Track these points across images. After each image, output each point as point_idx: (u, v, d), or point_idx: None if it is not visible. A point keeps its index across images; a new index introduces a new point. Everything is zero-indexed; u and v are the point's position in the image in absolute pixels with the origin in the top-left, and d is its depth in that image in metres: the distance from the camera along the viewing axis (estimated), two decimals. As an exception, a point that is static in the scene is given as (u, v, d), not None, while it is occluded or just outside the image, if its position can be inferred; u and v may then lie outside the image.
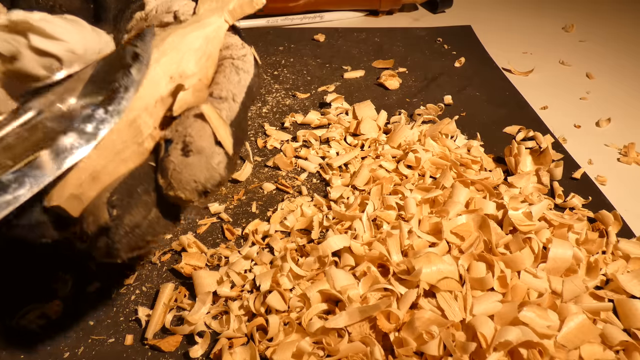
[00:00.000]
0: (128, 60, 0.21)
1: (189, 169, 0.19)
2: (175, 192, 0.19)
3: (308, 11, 0.65)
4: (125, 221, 0.19)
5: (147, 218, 0.19)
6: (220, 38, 0.24)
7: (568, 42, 0.61)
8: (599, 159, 0.40)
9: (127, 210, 0.19)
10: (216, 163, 0.19)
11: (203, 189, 0.19)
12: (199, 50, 0.22)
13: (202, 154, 0.19)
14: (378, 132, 0.41)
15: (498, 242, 0.29)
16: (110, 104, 0.20)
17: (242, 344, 0.26)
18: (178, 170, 0.19)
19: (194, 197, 0.19)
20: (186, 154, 0.19)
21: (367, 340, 0.25)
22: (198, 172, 0.19)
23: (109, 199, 0.19)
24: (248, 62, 0.24)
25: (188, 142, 0.19)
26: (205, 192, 0.19)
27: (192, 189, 0.19)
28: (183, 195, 0.19)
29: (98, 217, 0.18)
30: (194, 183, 0.19)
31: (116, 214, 0.19)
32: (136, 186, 0.19)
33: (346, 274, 0.28)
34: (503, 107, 0.46)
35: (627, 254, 0.30)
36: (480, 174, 0.35)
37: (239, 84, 0.22)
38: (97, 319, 0.28)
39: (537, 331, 0.24)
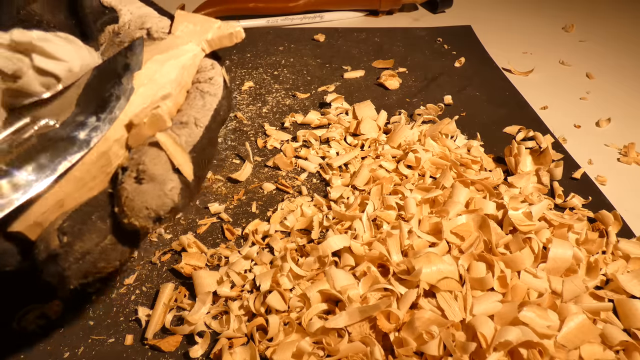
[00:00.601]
0: (119, 70, 0.21)
1: (141, 196, 0.19)
2: (129, 219, 0.19)
3: (308, 11, 0.65)
4: (75, 248, 0.19)
5: (99, 245, 0.19)
6: (195, 66, 0.24)
7: (568, 42, 0.61)
8: (599, 159, 0.40)
9: (78, 237, 0.19)
10: (169, 189, 0.19)
11: (156, 216, 0.19)
12: (175, 81, 0.22)
13: (154, 181, 0.19)
14: (378, 132, 0.41)
15: (498, 242, 0.29)
16: (103, 112, 0.20)
17: (242, 344, 0.26)
18: (130, 198, 0.19)
19: (147, 224, 0.19)
20: (139, 182, 0.19)
21: (367, 340, 0.25)
22: (150, 199, 0.19)
23: (60, 225, 0.19)
24: (216, 84, 0.24)
25: (141, 170, 0.19)
26: (158, 219, 0.19)
27: (144, 216, 0.19)
28: (137, 223, 0.19)
29: (49, 243, 0.19)
30: (145, 210, 0.19)
31: (66, 240, 0.19)
32: (91, 213, 0.19)
33: (346, 274, 0.28)
34: (503, 107, 0.46)
35: (627, 254, 0.30)
36: (480, 174, 0.35)
37: (203, 107, 0.22)
38: (97, 319, 0.28)
39: (537, 331, 0.24)
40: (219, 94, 0.23)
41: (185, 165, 0.20)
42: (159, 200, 0.19)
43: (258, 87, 0.50)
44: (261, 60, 0.55)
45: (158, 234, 0.33)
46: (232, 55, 0.56)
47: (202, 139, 0.22)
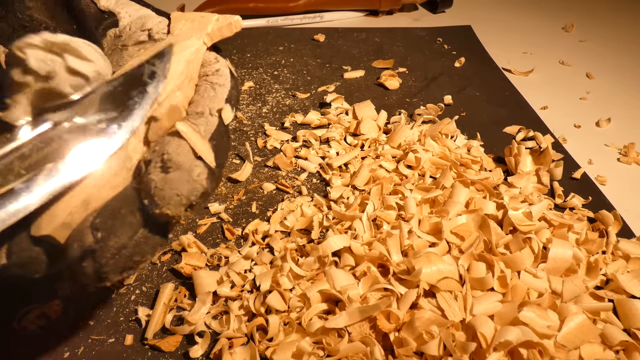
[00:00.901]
0: (145, 78, 0.21)
1: (170, 184, 0.19)
2: (161, 209, 0.19)
3: (308, 11, 0.65)
4: (110, 243, 0.19)
5: (133, 239, 0.20)
6: (199, 60, 0.24)
7: (568, 42, 0.61)
8: (599, 159, 0.40)
9: (111, 232, 0.19)
10: (197, 175, 0.20)
11: (188, 202, 0.19)
12: (182, 74, 0.23)
13: (181, 169, 0.19)
14: (378, 132, 0.41)
15: (498, 242, 0.29)
16: (125, 120, 0.20)
17: (242, 344, 0.26)
18: (160, 187, 0.19)
19: (179, 211, 0.20)
20: (166, 171, 0.19)
21: (367, 340, 0.25)
22: (180, 186, 0.19)
23: (92, 222, 0.19)
24: (223, 75, 0.24)
25: (166, 159, 0.19)
26: (190, 205, 0.20)
27: (176, 204, 0.19)
28: (169, 212, 0.19)
29: (82, 241, 0.19)
30: (177, 197, 0.19)
31: (100, 236, 0.19)
32: (119, 208, 0.19)
33: (346, 274, 0.28)
34: (503, 107, 0.46)
35: (627, 254, 0.30)
36: (480, 174, 0.35)
37: (215, 97, 0.23)
38: (97, 319, 0.28)
39: (537, 331, 0.24)
40: (227, 84, 0.23)
41: (206, 153, 0.20)
42: (189, 185, 0.19)
43: (258, 87, 0.50)
44: (261, 60, 0.55)
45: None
46: (232, 55, 0.56)
47: (218, 127, 0.22)
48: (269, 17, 0.63)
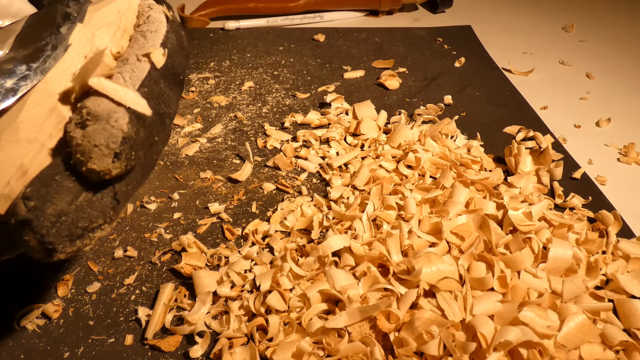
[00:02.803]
0: (58, 19, 0.20)
1: (89, 137, 0.18)
2: (86, 165, 0.18)
3: (308, 11, 0.65)
4: (47, 212, 0.18)
5: (73, 203, 0.19)
6: (134, 10, 0.23)
7: (568, 42, 0.61)
8: (599, 159, 0.40)
9: (46, 199, 0.18)
10: (114, 121, 0.19)
11: (110, 152, 0.19)
12: (113, 25, 0.22)
13: (98, 119, 0.19)
14: (378, 132, 0.41)
15: (498, 242, 0.29)
16: (35, 61, 0.19)
17: (242, 344, 0.26)
18: (79, 143, 0.18)
19: (106, 164, 0.19)
20: (84, 126, 0.19)
21: (367, 340, 0.25)
22: (97, 136, 0.18)
23: (23, 192, 0.18)
24: (155, 21, 0.23)
25: (85, 113, 0.19)
26: (116, 155, 0.19)
27: (98, 156, 0.18)
28: (95, 166, 0.18)
29: (17, 213, 0.18)
30: (96, 149, 0.18)
31: (32, 205, 0.18)
32: (54, 175, 0.19)
33: (346, 274, 0.28)
34: (503, 107, 0.46)
35: (627, 254, 0.30)
36: (480, 174, 0.35)
37: (145, 44, 0.22)
38: (97, 319, 0.28)
39: (537, 331, 0.24)
40: (161, 29, 0.23)
41: (132, 101, 0.19)
42: (106, 133, 0.19)
43: (258, 87, 0.50)
44: (261, 60, 0.55)
45: (158, 234, 0.33)
46: (232, 55, 0.56)
47: (150, 72, 0.21)
48: (269, 17, 0.63)
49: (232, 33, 0.61)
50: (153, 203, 0.36)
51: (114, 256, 0.32)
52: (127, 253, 0.32)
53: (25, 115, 0.19)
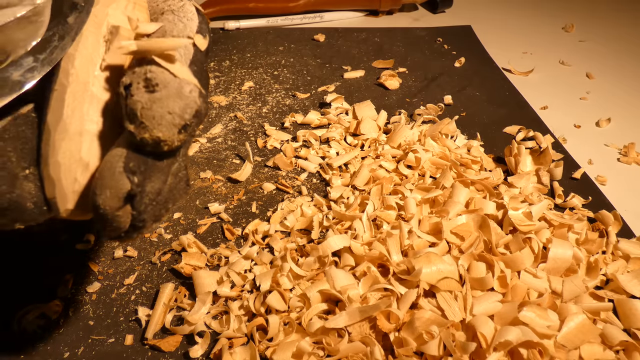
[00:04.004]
0: (65, 9, 0.20)
1: (160, 102, 0.17)
2: (151, 132, 0.17)
3: (308, 11, 0.65)
4: (147, 189, 0.18)
5: (167, 182, 0.18)
6: None
7: (568, 42, 0.61)
8: (599, 159, 0.40)
9: (147, 176, 0.18)
10: (188, 91, 0.18)
11: (181, 122, 0.18)
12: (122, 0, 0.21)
13: (169, 86, 0.18)
14: (378, 132, 0.41)
15: (498, 242, 0.29)
16: (42, 53, 0.19)
17: (242, 344, 0.26)
18: (147, 107, 0.17)
19: (172, 133, 0.18)
20: (152, 90, 0.17)
21: (367, 340, 0.25)
22: (171, 103, 0.17)
23: (125, 166, 0.17)
24: (188, 11, 0.23)
25: (151, 77, 0.18)
26: (184, 127, 0.18)
27: (168, 124, 0.17)
28: (160, 134, 0.17)
29: (118, 188, 0.17)
30: (168, 115, 0.17)
31: (138, 180, 0.17)
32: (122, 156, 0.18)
33: (346, 274, 0.28)
34: (503, 107, 0.46)
35: (627, 254, 0.30)
36: (480, 174, 0.35)
37: (186, 28, 0.22)
38: (97, 319, 0.28)
39: (537, 331, 0.24)
40: (195, 19, 0.23)
41: (189, 75, 0.19)
42: (181, 102, 0.17)
43: (258, 87, 0.50)
44: (261, 60, 0.55)
45: (158, 234, 0.33)
46: (232, 55, 0.56)
47: (195, 54, 0.21)
48: (269, 17, 0.63)
49: (232, 33, 0.61)
50: (153, 203, 0.36)
51: (114, 256, 0.32)
52: (127, 253, 0.32)
53: (69, 110, 0.19)
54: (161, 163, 0.18)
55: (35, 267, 0.31)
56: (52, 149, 0.19)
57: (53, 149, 0.19)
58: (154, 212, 0.18)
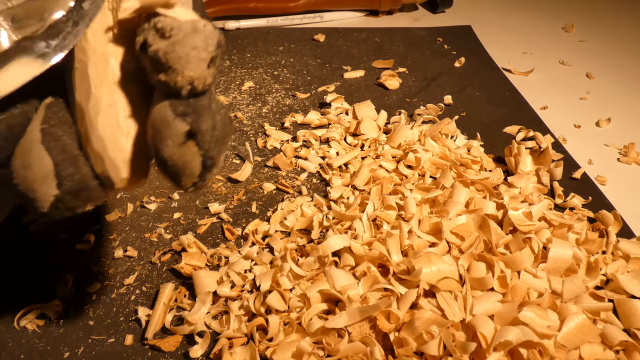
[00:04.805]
0: None
1: (181, 42, 0.17)
2: (182, 73, 0.17)
3: (308, 11, 0.65)
4: (203, 126, 0.18)
5: (216, 116, 0.19)
6: None
7: (568, 42, 0.61)
8: (599, 159, 0.40)
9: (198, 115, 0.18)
10: (202, 26, 0.18)
11: (207, 55, 0.18)
12: None
13: (183, 26, 0.18)
14: (378, 132, 0.41)
15: (498, 242, 0.29)
16: (54, 39, 0.19)
17: (242, 344, 0.26)
18: (171, 51, 0.17)
19: (202, 68, 0.18)
20: (168, 36, 0.18)
21: (367, 340, 0.25)
22: (191, 39, 0.17)
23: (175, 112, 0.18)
24: None
25: (162, 26, 0.18)
26: (212, 60, 0.18)
27: (196, 60, 0.17)
28: (192, 72, 0.18)
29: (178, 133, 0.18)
30: (194, 51, 0.17)
31: (192, 119, 0.18)
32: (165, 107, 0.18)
33: (346, 274, 0.28)
34: (503, 107, 0.46)
35: (627, 254, 0.30)
36: (480, 174, 0.35)
37: None
38: (97, 319, 0.28)
39: (537, 331, 0.24)
40: None
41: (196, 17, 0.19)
42: (201, 35, 0.18)
43: (258, 87, 0.50)
44: (261, 60, 0.55)
45: (158, 234, 0.33)
46: (232, 55, 0.56)
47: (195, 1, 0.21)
48: (269, 17, 0.63)
49: (232, 33, 0.61)
50: (153, 203, 0.36)
51: (114, 256, 0.32)
52: (127, 253, 0.32)
53: (96, 83, 0.19)
54: (203, 102, 0.18)
55: (35, 266, 0.31)
56: (90, 125, 0.19)
57: (91, 125, 0.19)
58: (217, 148, 0.19)
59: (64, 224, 0.34)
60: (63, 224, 0.34)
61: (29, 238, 0.33)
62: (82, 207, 0.20)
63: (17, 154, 0.19)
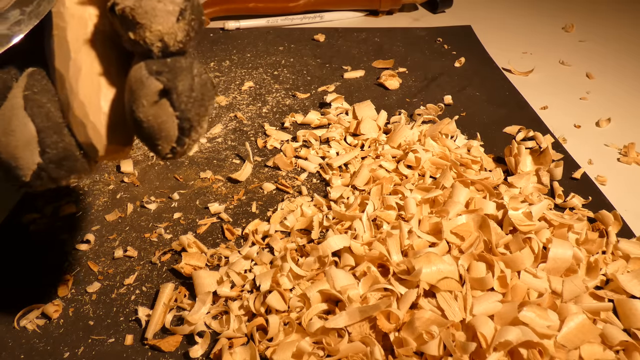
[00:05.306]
0: None
1: None
2: (150, 28, 0.17)
3: (308, 11, 0.65)
4: (179, 86, 0.18)
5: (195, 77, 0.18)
6: None
7: (568, 42, 0.61)
8: (599, 159, 0.40)
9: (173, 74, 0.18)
10: None
11: (175, 8, 0.17)
12: None
13: None
14: (378, 132, 0.41)
15: (498, 242, 0.29)
16: (28, 5, 0.18)
17: (242, 344, 0.26)
18: (137, 6, 0.17)
19: (171, 22, 0.17)
20: None
21: (367, 340, 0.25)
22: None
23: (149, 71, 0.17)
24: None
25: None
26: (181, 13, 0.17)
27: (163, 13, 0.17)
28: (160, 27, 0.17)
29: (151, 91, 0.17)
30: (160, 4, 0.17)
31: (166, 78, 0.17)
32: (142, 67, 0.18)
33: (346, 274, 0.28)
34: (503, 107, 0.46)
35: (627, 254, 0.30)
36: (480, 174, 0.35)
37: None
38: (97, 319, 0.28)
39: (537, 331, 0.24)
40: None
41: None
42: None
43: (258, 87, 0.50)
44: (261, 60, 0.55)
45: (158, 234, 0.33)
46: (232, 55, 0.56)
47: None
48: (269, 17, 0.63)
49: (232, 33, 0.61)
50: (153, 203, 0.36)
51: (114, 256, 0.32)
52: (127, 253, 0.32)
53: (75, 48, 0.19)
54: (180, 62, 0.18)
55: (35, 267, 0.31)
56: (70, 92, 0.19)
57: (71, 92, 0.19)
58: (195, 110, 0.18)
59: (64, 224, 0.34)
60: (63, 224, 0.34)
61: (29, 238, 0.33)
62: (66, 177, 0.19)
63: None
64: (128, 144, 0.20)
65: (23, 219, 0.34)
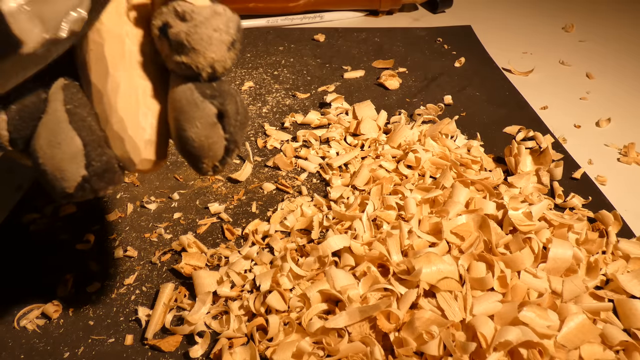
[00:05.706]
0: None
1: (203, 25, 0.18)
2: (204, 54, 0.18)
3: (308, 11, 0.65)
4: (229, 109, 0.18)
5: (239, 102, 0.19)
6: None
7: (568, 42, 0.61)
8: (599, 159, 0.40)
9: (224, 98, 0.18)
10: (222, 9, 0.18)
11: (228, 38, 0.18)
12: None
13: (203, 9, 0.18)
14: (378, 132, 0.41)
15: (498, 242, 0.29)
16: None
17: (242, 344, 0.26)
18: (193, 32, 0.18)
19: (223, 51, 0.18)
20: (189, 19, 0.18)
21: (367, 340, 0.25)
22: (213, 22, 0.18)
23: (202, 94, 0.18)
24: None
25: (182, 10, 0.18)
26: (232, 43, 0.18)
27: (218, 42, 0.18)
28: (214, 54, 0.18)
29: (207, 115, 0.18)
30: (216, 34, 0.18)
31: (220, 102, 0.18)
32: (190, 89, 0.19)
33: (346, 274, 0.28)
34: (503, 107, 0.46)
35: (627, 254, 0.30)
36: (480, 174, 0.35)
37: None
38: (97, 319, 0.28)
39: (537, 331, 0.24)
40: None
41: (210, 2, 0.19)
42: (222, 18, 0.18)
43: (258, 87, 0.50)
44: (261, 60, 0.55)
45: (158, 234, 0.33)
46: (232, 55, 0.56)
47: None
48: (269, 17, 0.63)
49: (232, 33, 0.61)
50: (153, 203, 0.36)
51: (114, 256, 0.32)
52: (127, 253, 0.32)
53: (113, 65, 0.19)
54: (226, 86, 0.19)
55: (35, 266, 0.31)
56: (109, 107, 0.19)
57: (110, 107, 0.19)
58: (240, 132, 0.19)
59: (64, 224, 0.34)
60: (63, 224, 0.34)
61: (29, 238, 0.33)
62: (105, 189, 0.20)
63: (42, 132, 0.19)
64: (163, 158, 0.21)
65: (23, 219, 0.34)
